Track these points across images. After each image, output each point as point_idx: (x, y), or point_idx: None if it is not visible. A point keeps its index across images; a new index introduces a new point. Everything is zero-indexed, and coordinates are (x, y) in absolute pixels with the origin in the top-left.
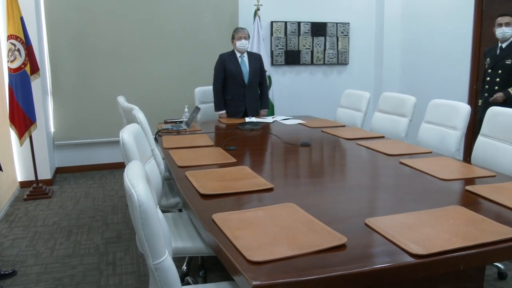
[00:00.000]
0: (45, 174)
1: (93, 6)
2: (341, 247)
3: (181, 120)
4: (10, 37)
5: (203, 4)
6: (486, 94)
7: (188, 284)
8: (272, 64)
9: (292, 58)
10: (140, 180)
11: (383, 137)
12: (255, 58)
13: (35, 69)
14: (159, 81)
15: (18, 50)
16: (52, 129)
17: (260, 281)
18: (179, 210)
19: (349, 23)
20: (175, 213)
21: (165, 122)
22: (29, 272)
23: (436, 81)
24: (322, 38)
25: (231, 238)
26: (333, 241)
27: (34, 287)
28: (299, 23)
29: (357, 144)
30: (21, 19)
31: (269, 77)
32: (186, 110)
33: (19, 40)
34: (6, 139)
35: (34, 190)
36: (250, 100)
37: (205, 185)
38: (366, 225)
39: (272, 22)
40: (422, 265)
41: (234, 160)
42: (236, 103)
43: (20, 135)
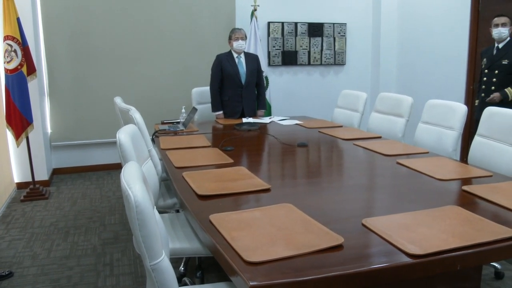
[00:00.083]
0: (42, 175)
1: (90, 7)
2: (338, 247)
3: (178, 120)
4: (6, 38)
5: (200, 4)
6: (482, 94)
7: (186, 285)
8: (269, 64)
9: (289, 58)
10: (136, 181)
11: (380, 137)
12: (252, 59)
13: (31, 70)
14: (156, 82)
15: (15, 51)
16: (49, 130)
17: (257, 281)
18: (176, 211)
19: (346, 23)
20: (172, 213)
21: (162, 123)
22: (26, 274)
23: (433, 81)
24: (319, 39)
25: (228, 238)
26: (330, 241)
27: None
28: (296, 23)
29: (354, 144)
30: (18, 20)
31: (266, 77)
32: (183, 110)
33: (16, 41)
34: (2, 140)
35: (31, 191)
36: (247, 101)
37: (202, 185)
38: (363, 225)
39: (269, 23)
40: (419, 265)
41: (231, 161)
42: (233, 103)
43: (17, 136)
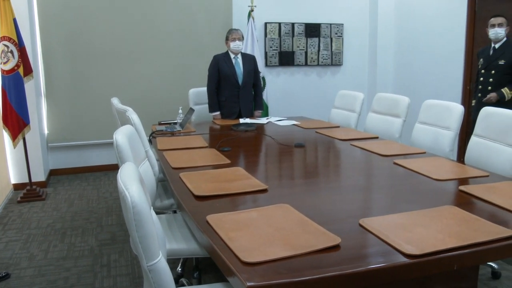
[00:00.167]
0: (39, 176)
1: (87, 8)
2: (335, 247)
3: (175, 121)
4: (2, 38)
5: (197, 5)
6: (479, 95)
7: (183, 285)
8: (266, 65)
9: (286, 59)
10: (133, 182)
11: (377, 137)
12: (249, 59)
13: (28, 70)
14: (153, 83)
15: (11, 52)
16: (45, 131)
17: (254, 282)
18: (173, 212)
19: (343, 24)
20: (169, 214)
21: (159, 124)
22: (23, 275)
23: (430, 81)
24: (316, 39)
25: (225, 239)
26: (327, 241)
27: None
28: (293, 24)
29: (351, 144)
30: (14, 20)
31: (263, 78)
32: (180, 111)
33: (12, 41)
34: None
35: (28, 192)
36: (244, 101)
37: (199, 186)
38: (360, 225)
39: (266, 23)
40: (416, 265)
41: (228, 161)
42: (230, 104)
43: (14, 137)
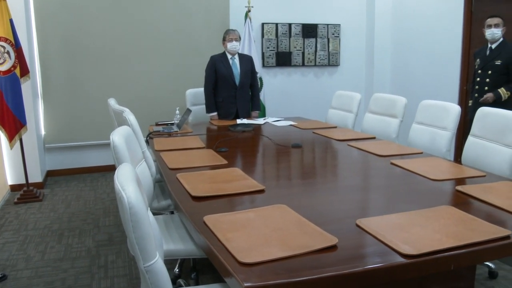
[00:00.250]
0: (36, 177)
1: (83, 8)
2: (332, 248)
3: (173, 122)
4: None
5: (194, 5)
6: (476, 95)
7: (180, 286)
8: (263, 65)
9: (283, 59)
10: (130, 183)
11: (374, 138)
12: (246, 60)
13: (25, 71)
14: (150, 83)
15: (8, 53)
16: (42, 132)
17: (252, 282)
18: (170, 212)
19: (340, 24)
20: (166, 215)
21: (156, 124)
22: (20, 276)
23: (427, 82)
24: (313, 40)
25: (223, 240)
26: (324, 242)
27: None
28: (290, 24)
29: (348, 145)
30: (11, 21)
31: (260, 78)
32: (177, 112)
33: (9, 42)
34: None
35: (25, 193)
36: (241, 102)
37: (196, 187)
38: (357, 225)
39: (263, 24)
40: (413, 265)
41: (225, 162)
42: (227, 105)
43: (10, 138)
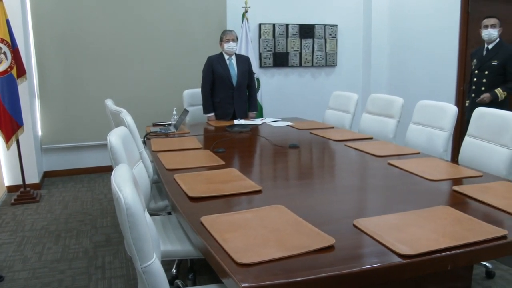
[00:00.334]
0: (33, 178)
1: (80, 9)
2: (329, 248)
3: (170, 122)
4: None
5: (191, 6)
6: (473, 95)
7: (178, 287)
8: (260, 66)
9: (280, 60)
10: (127, 183)
11: (371, 138)
12: (243, 61)
13: (21, 72)
14: (147, 84)
15: (4, 53)
16: (39, 133)
17: (249, 283)
18: (168, 213)
19: (337, 25)
20: (164, 216)
21: (154, 125)
22: (17, 278)
23: (424, 82)
24: (310, 40)
25: (220, 240)
26: (322, 242)
27: None
28: (287, 25)
29: (346, 145)
30: (7, 21)
31: (257, 79)
32: (175, 112)
33: (5, 43)
34: None
35: (22, 194)
36: (239, 103)
37: (193, 187)
38: (354, 226)
39: (260, 24)
40: (410, 265)
41: (222, 163)
42: (224, 105)
43: (7, 139)
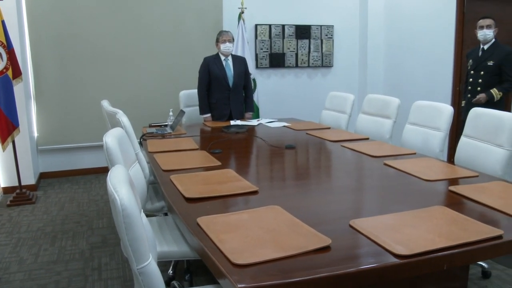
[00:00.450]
0: (29, 179)
1: (76, 9)
2: (325, 248)
3: (166, 123)
4: None
5: (187, 7)
6: (469, 95)
7: None
8: (256, 67)
9: (276, 60)
10: (123, 184)
11: (367, 138)
12: (239, 61)
13: (17, 73)
14: (143, 85)
15: (0, 55)
16: (35, 134)
17: (245, 283)
18: (164, 214)
19: (333, 25)
20: (160, 217)
21: (150, 126)
22: (13, 279)
23: (420, 82)
24: (307, 41)
25: (216, 241)
26: (318, 243)
27: None
28: (283, 26)
29: (342, 146)
30: (2, 22)
31: (253, 80)
32: (171, 113)
33: (1, 44)
34: None
35: (18, 195)
36: (235, 103)
37: (189, 188)
38: (350, 226)
39: (256, 25)
40: (406, 265)
41: (219, 163)
42: (221, 106)
43: (3, 140)
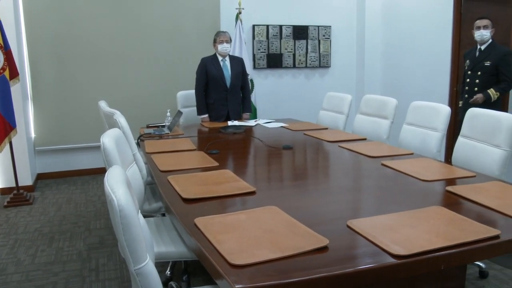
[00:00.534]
0: (26, 180)
1: (73, 10)
2: (323, 249)
3: (164, 124)
4: None
5: (184, 7)
6: (466, 96)
7: None
8: (254, 67)
9: (274, 61)
10: (120, 185)
11: (365, 139)
12: (237, 62)
13: (14, 74)
14: (141, 85)
15: None
16: (32, 135)
17: (243, 284)
18: (162, 215)
19: (330, 26)
20: (158, 217)
21: (147, 127)
22: (10, 280)
23: (417, 83)
24: (304, 41)
25: (213, 242)
26: (315, 243)
27: None
28: (280, 26)
29: (339, 146)
30: None
31: (251, 80)
32: (169, 114)
33: None
34: None
35: (15, 196)
36: (233, 104)
37: (187, 189)
38: (348, 227)
39: (254, 26)
40: (404, 265)
41: (216, 164)
42: (218, 107)
43: (0, 141)
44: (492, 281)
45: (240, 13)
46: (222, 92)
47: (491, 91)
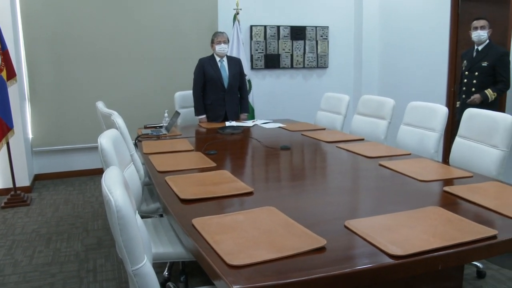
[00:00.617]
0: (23, 181)
1: (71, 10)
2: (321, 249)
3: (161, 125)
4: None
5: (182, 8)
6: (463, 96)
7: None
8: (252, 68)
9: (271, 62)
10: (118, 186)
11: (362, 139)
12: (234, 62)
13: (11, 74)
14: (138, 86)
15: None
16: (30, 135)
17: (240, 284)
18: (159, 216)
19: (328, 26)
20: (155, 218)
21: (145, 127)
22: (7, 282)
23: (415, 83)
24: (302, 42)
25: (211, 242)
26: (313, 243)
27: None
28: (278, 27)
29: (337, 147)
30: None
31: (249, 81)
32: (166, 115)
33: None
34: None
35: (12, 197)
36: (230, 104)
37: (185, 189)
38: (345, 227)
39: (251, 26)
40: (401, 265)
41: (214, 165)
42: (216, 107)
43: None
44: (489, 281)
45: (237, 13)
46: (219, 92)
47: (489, 92)
